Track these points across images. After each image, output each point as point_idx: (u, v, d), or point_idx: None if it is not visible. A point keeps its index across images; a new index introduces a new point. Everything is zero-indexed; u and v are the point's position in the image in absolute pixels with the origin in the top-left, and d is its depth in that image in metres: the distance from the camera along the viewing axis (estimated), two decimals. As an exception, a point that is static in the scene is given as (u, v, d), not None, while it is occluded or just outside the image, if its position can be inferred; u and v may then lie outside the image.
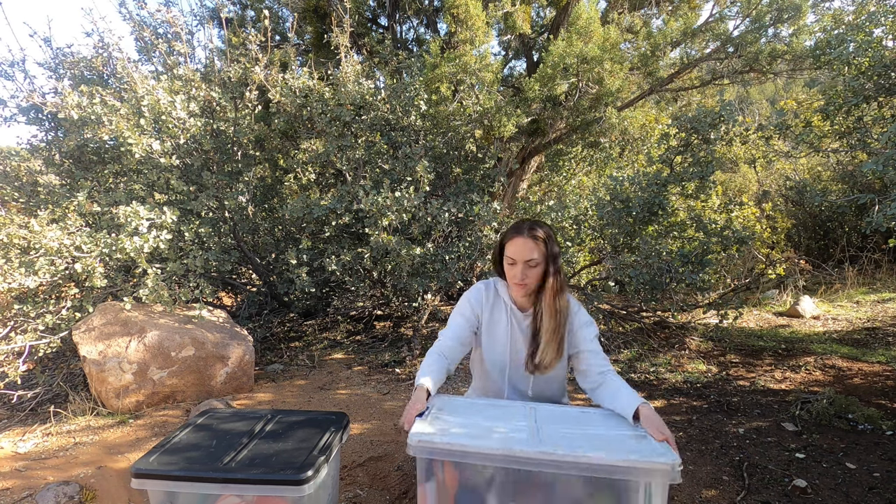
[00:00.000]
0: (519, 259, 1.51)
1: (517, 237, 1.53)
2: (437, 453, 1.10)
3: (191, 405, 2.54)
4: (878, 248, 5.24)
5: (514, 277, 1.53)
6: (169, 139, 3.09)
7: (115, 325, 2.54)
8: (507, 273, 1.57)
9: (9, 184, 3.45)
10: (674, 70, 4.66)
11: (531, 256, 1.50)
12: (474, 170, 3.85)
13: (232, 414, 1.51)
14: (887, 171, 2.09)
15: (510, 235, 1.55)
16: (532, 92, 3.70)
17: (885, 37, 2.76)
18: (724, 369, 2.86)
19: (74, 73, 3.59)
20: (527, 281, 1.52)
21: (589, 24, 3.60)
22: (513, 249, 1.52)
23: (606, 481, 1.09)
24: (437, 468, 1.16)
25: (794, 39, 4.01)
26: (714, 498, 1.61)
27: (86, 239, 2.55)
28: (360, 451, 1.96)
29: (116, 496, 1.69)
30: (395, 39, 5.54)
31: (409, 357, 3.23)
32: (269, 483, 1.15)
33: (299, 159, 4.10)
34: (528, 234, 1.51)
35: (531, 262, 1.50)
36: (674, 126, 3.31)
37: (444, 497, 1.15)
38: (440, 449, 1.10)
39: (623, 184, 3.23)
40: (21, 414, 2.53)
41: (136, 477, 1.18)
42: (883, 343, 3.19)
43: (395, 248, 2.99)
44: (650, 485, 1.07)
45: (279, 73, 3.56)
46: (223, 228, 3.47)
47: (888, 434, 1.99)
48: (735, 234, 2.94)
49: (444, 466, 1.15)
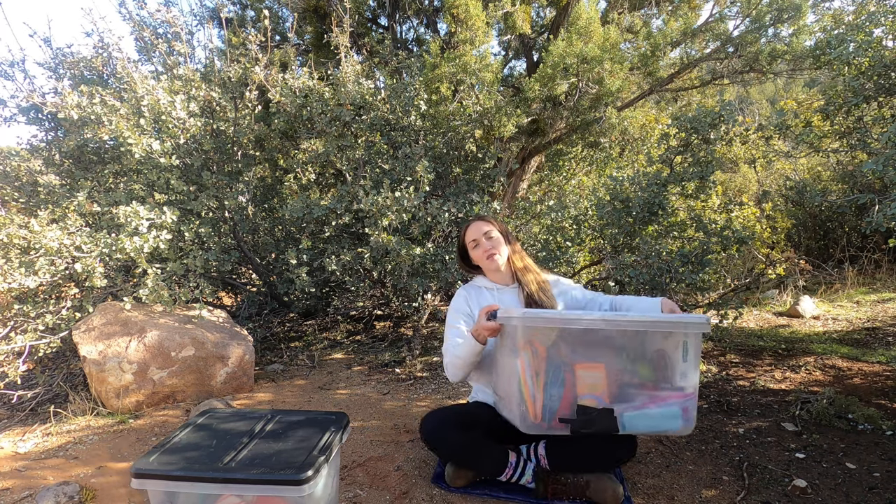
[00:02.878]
0: (478, 235, 1.76)
1: (469, 226, 1.80)
2: (539, 321, 1.39)
3: (191, 405, 2.54)
4: (878, 248, 5.24)
5: (484, 253, 1.76)
6: (169, 139, 3.09)
7: (115, 325, 2.54)
8: (475, 257, 1.80)
9: (9, 184, 3.45)
10: (674, 70, 4.66)
11: (486, 228, 1.76)
12: (474, 170, 3.85)
13: (232, 414, 1.51)
14: (887, 171, 2.09)
15: (464, 230, 1.82)
16: (532, 92, 3.70)
17: (885, 37, 2.76)
18: (724, 369, 2.85)
19: (74, 73, 3.59)
20: (493, 249, 1.75)
21: (589, 24, 3.59)
22: (470, 234, 1.78)
23: (660, 335, 1.40)
24: (533, 340, 1.42)
25: (794, 39, 4.01)
26: (714, 498, 1.61)
27: (86, 239, 2.55)
28: (360, 451, 1.96)
29: (116, 496, 1.69)
30: (395, 39, 5.54)
31: (409, 357, 3.23)
32: (269, 483, 1.15)
33: (299, 159, 4.10)
34: (476, 219, 1.80)
35: (488, 232, 1.75)
36: (674, 126, 3.30)
37: (539, 360, 1.41)
38: (544, 317, 1.40)
39: (623, 184, 3.23)
40: (21, 414, 2.53)
41: (136, 477, 1.18)
42: (883, 343, 3.19)
43: (395, 248, 2.99)
44: (687, 341, 1.39)
45: (279, 73, 3.56)
46: (223, 228, 3.47)
47: (888, 434, 1.99)
48: (735, 234, 2.94)
49: (535, 341, 1.42)
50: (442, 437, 1.60)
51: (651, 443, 2.00)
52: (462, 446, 1.58)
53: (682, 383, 1.41)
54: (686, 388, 1.41)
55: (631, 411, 1.39)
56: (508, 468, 1.59)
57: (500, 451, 1.62)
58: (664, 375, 1.41)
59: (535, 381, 1.39)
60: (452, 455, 1.61)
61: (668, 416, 1.41)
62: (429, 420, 1.64)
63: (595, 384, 1.40)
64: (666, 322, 1.38)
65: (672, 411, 1.40)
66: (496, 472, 1.60)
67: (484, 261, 1.76)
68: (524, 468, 1.61)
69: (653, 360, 1.41)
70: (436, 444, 1.63)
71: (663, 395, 1.41)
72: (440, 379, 2.89)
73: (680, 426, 1.41)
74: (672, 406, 1.40)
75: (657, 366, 1.41)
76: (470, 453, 1.59)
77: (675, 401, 1.41)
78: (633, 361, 1.41)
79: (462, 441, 1.58)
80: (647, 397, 1.41)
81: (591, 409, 1.38)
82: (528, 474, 1.60)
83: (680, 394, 1.41)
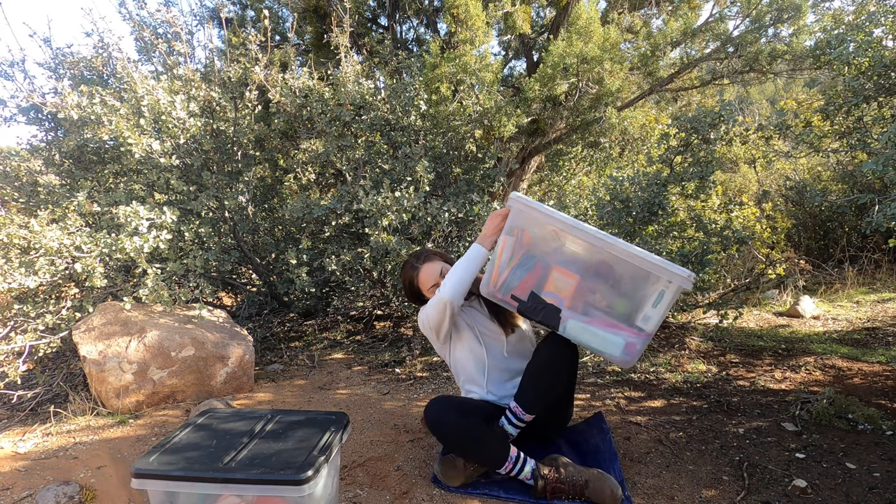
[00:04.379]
0: (437, 279, 1.85)
1: (419, 272, 1.88)
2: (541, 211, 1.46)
3: (191, 405, 2.54)
4: (878, 248, 5.24)
5: None
6: (169, 139, 3.09)
7: (115, 325, 2.54)
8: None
9: (9, 184, 3.45)
10: (674, 70, 4.66)
11: (441, 267, 1.87)
12: (474, 170, 3.85)
13: (232, 414, 1.51)
14: (887, 171, 2.08)
15: (414, 275, 1.89)
16: (532, 92, 3.70)
17: (885, 37, 2.76)
18: (723, 369, 2.85)
19: (74, 73, 3.59)
20: None
21: (589, 24, 3.59)
22: (425, 279, 1.86)
23: (643, 274, 1.43)
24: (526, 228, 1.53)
25: (794, 39, 4.01)
26: (714, 498, 1.61)
27: (86, 239, 2.55)
28: (360, 451, 1.96)
29: (116, 496, 1.69)
30: (395, 39, 5.54)
31: (409, 357, 3.23)
32: (269, 483, 1.15)
33: (299, 159, 4.10)
34: (421, 261, 1.89)
35: (443, 270, 1.86)
36: (674, 126, 3.30)
37: (520, 245, 1.54)
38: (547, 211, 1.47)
39: (623, 184, 3.23)
40: (21, 414, 2.53)
41: (136, 477, 1.18)
42: (883, 343, 3.19)
43: (395, 248, 2.99)
44: (665, 291, 1.42)
45: (279, 73, 3.56)
46: (223, 228, 3.47)
47: (888, 434, 1.99)
48: (735, 234, 2.94)
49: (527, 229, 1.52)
50: (444, 422, 1.63)
51: (651, 443, 2.00)
52: (464, 430, 1.61)
53: (641, 324, 1.47)
54: (643, 329, 1.47)
55: (577, 321, 1.50)
56: (509, 461, 1.61)
57: (502, 441, 1.64)
58: (627, 310, 1.46)
59: (507, 261, 1.54)
60: (456, 439, 1.63)
61: (609, 342, 1.49)
62: (432, 405, 1.67)
63: (562, 288, 1.50)
64: (656, 264, 1.41)
65: (616, 340, 1.48)
66: (497, 462, 1.61)
67: None
68: (524, 464, 1.62)
69: (625, 293, 1.46)
70: (438, 429, 1.65)
71: (616, 325, 1.48)
72: (440, 379, 2.89)
73: (618, 355, 1.48)
74: (618, 335, 1.48)
75: (627, 300, 1.46)
76: (472, 438, 1.61)
77: (624, 333, 1.48)
78: (608, 287, 1.47)
79: (465, 424, 1.61)
80: (600, 320, 1.49)
81: (542, 300, 1.51)
82: (528, 471, 1.61)
83: (633, 331, 1.47)
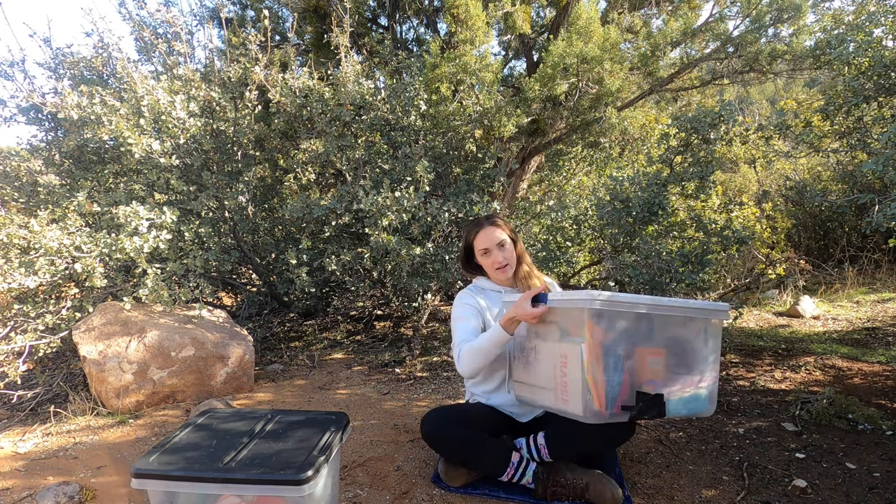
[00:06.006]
0: (491, 245, 1.70)
1: (481, 230, 1.72)
2: (606, 304, 1.36)
3: (191, 405, 2.54)
4: (878, 248, 5.24)
5: (495, 263, 1.72)
6: (169, 139, 3.09)
7: (115, 325, 2.54)
8: (484, 264, 1.76)
9: (9, 184, 3.44)
10: (674, 70, 4.66)
11: (501, 238, 1.71)
12: (474, 170, 3.85)
13: (232, 414, 1.51)
14: (887, 171, 2.09)
15: (474, 232, 1.74)
16: (532, 92, 3.70)
17: (885, 37, 2.76)
18: (723, 369, 2.85)
19: (74, 74, 3.59)
20: (506, 261, 1.72)
21: (589, 24, 3.59)
22: (482, 240, 1.71)
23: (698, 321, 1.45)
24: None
25: (794, 39, 4.00)
26: (714, 498, 1.61)
27: (86, 239, 2.55)
28: (360, 451, 1.96)
29: (116, 496, 1.69)
30: (395, 39, 5.54)
31: (409, 357, 3.23)
32: (269, 483, 1.15)
33: (299, 159, 4.10)
34: (488, 223, 1.73)
35: (502, 242, 1.71)
36: (674, 126, 3.30)
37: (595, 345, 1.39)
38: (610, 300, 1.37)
39: (623, 184, 3.23)
40: (21, 414, 2.53)
41: (136, 477, 1.18)
42: (883, 343, 3.19)
43: (395, 248, 2.99)
44: (708, 328, 1.46)
45: (279, 73, 3.55)
46: (223, 228, 3.47)
47: (888, 434, 1.99)
48: (735, 234, 2.94)
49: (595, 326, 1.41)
50: (443, 434, 1.60)
51: (651, 443, 2.00)
52: (463, 443, 1.58)
53: (707, 368, 1.49)
54: (711, 372, 1.49)
55: (674, 396, 1.43)
56: (510, 468, 1.58)
57: (503, 449, 1.61)
58: (695, 360, 1.47)
59: (596, 367, 1.36)
60: (454, 452, 1.61)
61: (698, 401, 1.47)
62: (429, 418, 1.64)
63: (657, 370, 1.42)
64: (706, 309, 1.45)
65: (699, 394, 1.47)
66: (498, 471, 1.59)
67: (494, 270, 1.74)
68: (525, 469, 1.60)
69: (691, 346, 1.46)
70: (437, 442, 1.62)
71: (692, 381, 1.47)
72: (440, 379, 2.89)
73: (706, 407, 1.48)
74: (699, 390, 1.47)
75: (693, 351, 1.47)
76: (471, 450, 1.58)
77: (703, 384, 1.47)
78: (681, 347, 1.45)
79: (464, 436, 1.58)
80: (682, 383, 1.45)
81: (647, 394, 1.39)
82: (529, 475, 1.59)
83: (707, 378, 1.48)
